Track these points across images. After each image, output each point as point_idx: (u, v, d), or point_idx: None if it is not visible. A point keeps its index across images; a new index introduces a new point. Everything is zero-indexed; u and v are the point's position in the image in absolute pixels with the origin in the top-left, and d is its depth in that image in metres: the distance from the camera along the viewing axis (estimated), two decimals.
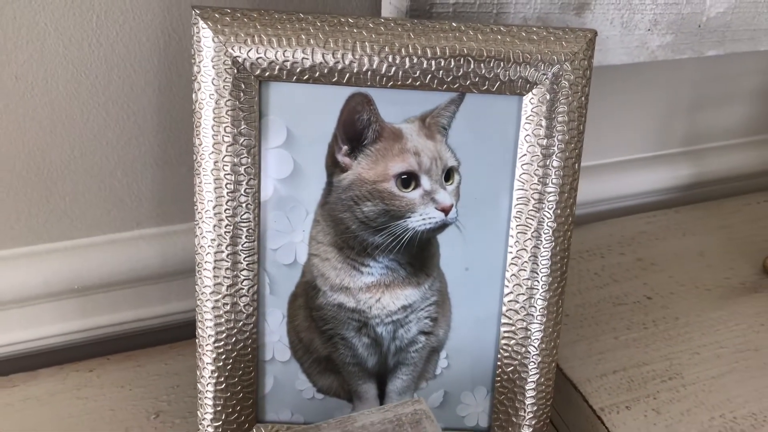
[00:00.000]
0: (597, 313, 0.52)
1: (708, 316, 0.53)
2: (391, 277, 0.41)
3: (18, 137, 0.44)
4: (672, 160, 0.66)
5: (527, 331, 0.41)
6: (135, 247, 0.50)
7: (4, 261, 0.48)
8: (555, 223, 0.39)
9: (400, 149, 0.39)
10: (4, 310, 0.48)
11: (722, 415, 0.44)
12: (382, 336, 0.42)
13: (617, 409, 0.44)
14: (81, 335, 0.51)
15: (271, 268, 0.40)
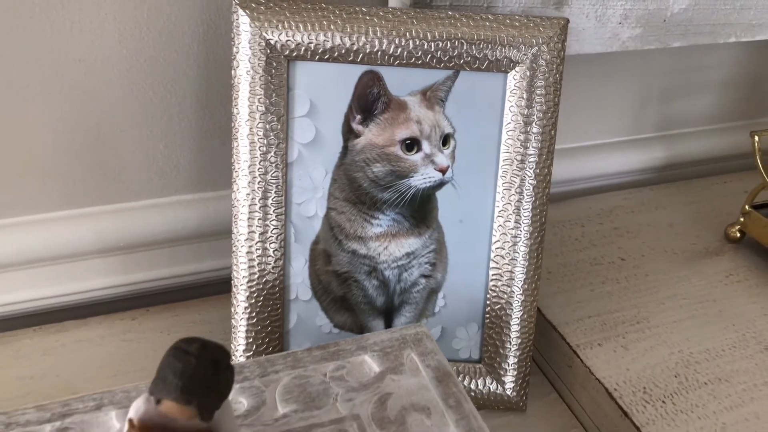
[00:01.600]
0: (576, 271, 0.59)
1: (674, 274, 0.60)
2: (396, 228, 0.48)
3: (79, 112, 0.52)
4: (646, 144, 0.74)
5: (512, 273, 0.49)
6: (173, 211, 0.58)
7: (61, 220, 0.55)
8: (535, 180, 0.47)
9: (404, 118, 0.46)
10: (59, 264, 0.56)
11: (680, 351, 0.51)
12: (389, 279, 0.49)
13: (590, 346, 0.51)
14: (124, 289, 0.58)
15: (295, 219, 0.48)
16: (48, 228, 0.54)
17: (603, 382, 0.48)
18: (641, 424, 0.45)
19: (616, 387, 0.48)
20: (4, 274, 0.54)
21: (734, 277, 0.60)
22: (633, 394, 0.47)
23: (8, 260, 0.54)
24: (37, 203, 0.54)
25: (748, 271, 0.61)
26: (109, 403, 0.38)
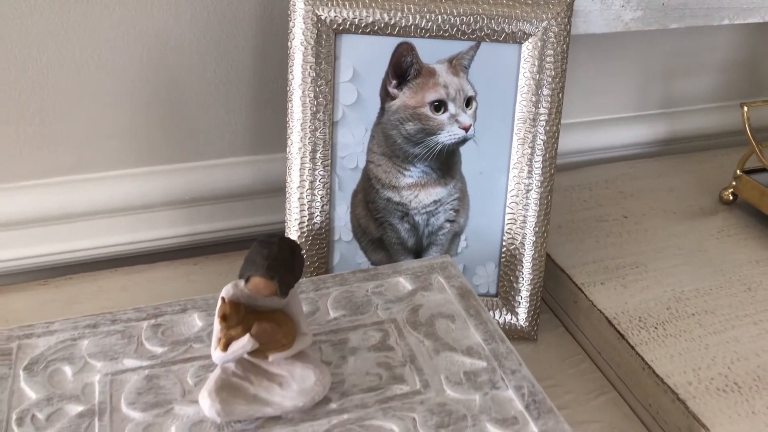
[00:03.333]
0: (583, 226, 0.67)
1: (672, 229, 0.67)
2: (425, 179, 0.56)
3: (154, 82, 0.61)
4: (651, 120, 0.81)
5: (525, 218, 0.56)
6: (231, 171, 0.66)
7: (136, 176, 0.64)
8: (545, 136, 0.55)
9: (433, 83, 0.54)
10: (134, 215, 0.65)
11: (673, 289, 0.59)
12: (418, 223, 0.57)
13: (594, 284, 0.59)
14: (188, 239, 0.67)
15: (339, 170, 0.56)
16: (126, 183, 0.63)
17: (604, 312, 0.56)
18: (635, 344, 0.53)
19: (614, 316, 0.55)
20: (89, 222, 0.63)
21: (725, 233, 0.67)
22: (629, 322, 0.55)
23: (92, 210, 0.63)
24: (116, 161, 0.63)
25: (738, 228, 0.68)
26: (192, 308, 0.46)
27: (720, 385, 0.49)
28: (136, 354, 0.42)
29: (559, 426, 0.39)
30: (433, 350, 0.44)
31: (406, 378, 0.42)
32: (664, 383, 0.49)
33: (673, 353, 0.52)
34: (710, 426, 0.46)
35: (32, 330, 0.44)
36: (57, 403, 0.39)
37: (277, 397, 0.38)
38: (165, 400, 0.39)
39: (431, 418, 0.39)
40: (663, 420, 0.50)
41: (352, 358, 0.43)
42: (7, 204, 0.61)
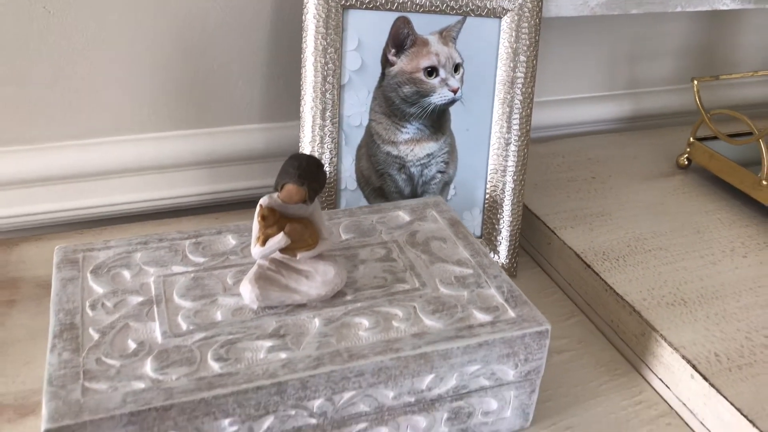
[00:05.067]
0: (556, 185, 0.76)
1: (633, 187, 0.77)
2: (420, 135, 0.66)
3: (180, 54, 0.69)
4: (617, 99, 0.91)
5: (505, 168, 0.66)
6: (247, 136, 0.75)
7: (163, 139, 0.72)
8: (522, 96, 0.64)
9: (426, 51, 0.64)
10: (160, 174, 0.73)
11: (633, 232, 0.68)
12: (414, 173, 0.66)
13: (565, 228, 0.68)
14: (210, 197, 0.76)
15: (346, 128, 0.65)
16: (155, 144, 0.72)
17: (573, 248, 0.65)
18: (599, 271, 0.62)
19: (582, 251, 0.65)
20: (122, 179, 0.72)
21: (681, 191, 0.77)
22: (595, 255, 0.64)
23: (125, 168, 0.71)
24: (148, 125, 0.72)
25: (692, 188, 0.77)
26: (226, 231, 0.55)
27: (669, 301, 0.59)
28: (182, 262, 0.51)
29: (533, 313, 0.48)
30: (428, 262, 0.53)
31: (407, 280, 0.50)
32: (623, 300, 0.59)
33: (631, 278, 0.61)
34: (660, 329, 0.55)
35: (93, 245, 0.52)
36: (121, 295, 0.47)
37: (304, 287, 0.47)
38: (209, 294, 0.48)
39: (428, 306, 0.48)
40: (622, 331, 0.59)
41: (362, 266, 0.52)
42: (48, 162, 0.69)
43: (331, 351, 0.43)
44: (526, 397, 0.49)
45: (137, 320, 0.45)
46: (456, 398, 0.47)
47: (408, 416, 0.46)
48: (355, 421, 0.45)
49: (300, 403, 0.42)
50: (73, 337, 0.43)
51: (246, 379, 0.41)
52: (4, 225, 0.70)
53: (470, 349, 0.45)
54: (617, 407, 0.54)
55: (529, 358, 0.47)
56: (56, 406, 0.38)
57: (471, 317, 0.47)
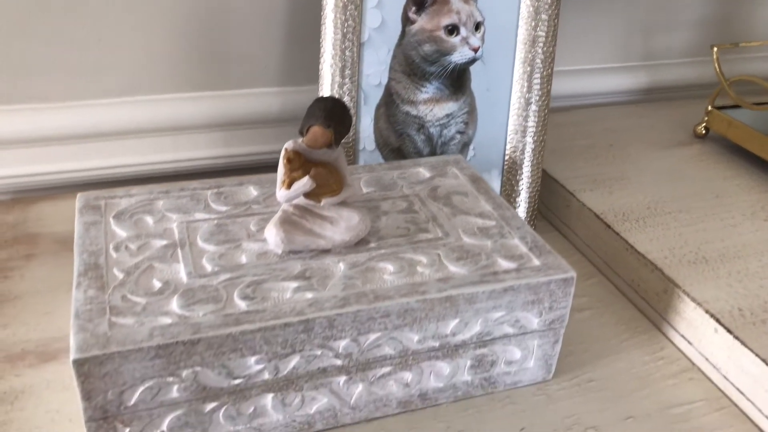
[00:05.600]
0: (574, 151, 0.76)
1: (651, 155, 0.76)
2: (439, 95, 0.65)
3: (200, 16, 0.69)
4: (632, 71, 0.91)
5: (525, 128, 0.65)
6: (262, 99, 0.75)
7: (178, 100, 0.72)
8: (543, 55, 0.64)
9: (447, 9, 0.63)
10: (175, 135, 0.73)
11: (653, 196, 0.68)
12: (433, 134, 0.66)
13: (584, 191, 0.68)
14: (225, 160, 0.75)
15: (365, 86, 0.65)
16: (171, 105, 0.72)
17: (593, 209, 0.65)
18: (620, 231, 0.62)
19: (602, 212, 0.64)
20: (138, 140, 0.71)
21: (698, 158, 0.76)
22: (614, 216, 0.64)
23: (141, 128, 0.71)
24: (164, 86, 0.71)
25: (710, 155, 0.77)
26: (247, 182, 0.55)
27: (691, 259, 0.58)
28: (204, 210, 0.51)
29: (558, 261, 0.48)
30: (451, 214, 0.52)
31: (430, 230, 0.50)
32: (645, 258, 0.58)
33: (652, 238, 0.61)
34: (683, 285, 0.55)
35: (114, 193, 0.52)
36: (144, 239, 0.47)
37: (329, 232, 0.47)
38: (234, 239, 0.47)
39: (452, 254, 0.47)
40: (643, 289, 0.58)
41: (384, 217, 0.51)
42: (66, 120, 0.69)
43: (356, 292, 0.43)
44: (550, 347, 0.49)
45: (161, 261, 0.45)
46: (480, 345, 0.47)
47: (432, 362, 0.46)
48: (379, 365, 0.44)
49: (326, 343, 0.42)
50: (97, 276, 0.43)
51: (273, 316, 0.40)
52: (22, 184, 0.70)
53: (495, 294, 0.45)
54: (639, 362, 0.54)
55: (554, 306, 0.47)
56: (84, 338, 0.38)
57: (495, 264, 0.47)
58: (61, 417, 0.46)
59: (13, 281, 0.58)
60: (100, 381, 0.38)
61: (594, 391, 0.51)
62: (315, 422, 0.45)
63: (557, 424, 0.48)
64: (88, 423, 0.39)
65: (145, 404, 0.40)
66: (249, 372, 0.41)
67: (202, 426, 0.42)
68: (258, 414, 0.43)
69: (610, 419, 0.48)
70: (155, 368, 0.39)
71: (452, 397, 0.48)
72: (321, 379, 0.43)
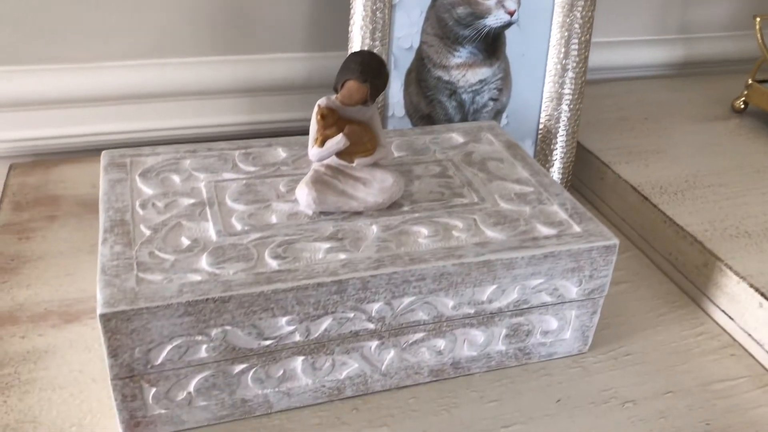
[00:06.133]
0: (608, 125, 0.74)
1: (688, 128, 0.74)
2: (473, 59, 0.63)
3: None
4: (669, 44, 0.88)
5: (561, 97, 0.63)
6: (289, 64, 0.73)
7: (204, 64, 0.70)
8: (581, 20, 0.61)
9: None
10: (200, 100, 0.71)
11: (690, 169, 0.65)
12: (465, 100, 0.64)
13: (619, 163, 0.66)
14: (248, 127, 0.74)
15: (395, 50, 0.63)
16: (196, 69, 0.70)
17: (629, 181, 0.62)
18: (658, 203, 0.59)
19: (638, 184, 0.62)
20: (162, 103, 0.70)
21: (737, 133, 0.74)
22: (651, 188, 0.62)
23: (165, 92, 0.70)
24: (189, 49, 0.70)
25: (749, 130, 0.74)
26: (276, 144, 0.53)
27: (733, 233, 0.56)
28: (232, 170, 0.49)
29: (599, 228, 0.46)
30: (486, 179, 0.51)
31: (465, 195, 0.48)
32: (684, 230, 0.56)
33: (692, 210, 0.59)
34: (725, 259, 0.53)
35: (140, 152, 0.51)
36: (171, 197, 0.46)
37: (362, 193, 0.45)
38: (263, 199, 0.46)
39: (489, 219, 0.46)
40: (681, 263, 0.56)
41: (417, 181, 0.50)
42: (89, 81, 0.68)
43: (391, 254, 0.41)
44: (588, 318, 0.47)
45: (190, 219, 0.43)
46: (516, 314, 0.45)
47: (466, 329, 0.44)
48: (413, 330, 0.43)
49: (359, 306, 0.40)
50: (124, 232, 0.42)
51: (306, 275, 0.39)
52: (44, 146, 0.69)
53: (535, 260, 0.43)
54: (677, 337, 0.52)
55: (594, 274, 0.45)
56: (111, 293, 0.37)
57: (534, 230, 0.45)
58: (84, 377, 0.45)
59: (35, 242, 0.57)
60: (127, 338, 0.37)
61: (631, 364, 0.49)
62: (345, 388, 0.43)
63: (594, 397, 0.46)
64: (113, 381, 0.38)
65: (173, 364, 0.38)
66: (280, 333, 0.39)
67: (229, 388, 0.41)
68: (287, 377, 0.42)
69: (648, 393, 0.47)
70: (184, 326, 0.37)
71: (485, 367, 0.47)
72: (352, 343, 0.42)
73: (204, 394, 0.40)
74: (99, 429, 0.41)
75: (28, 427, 0.41)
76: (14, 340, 0.47)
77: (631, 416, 0.45)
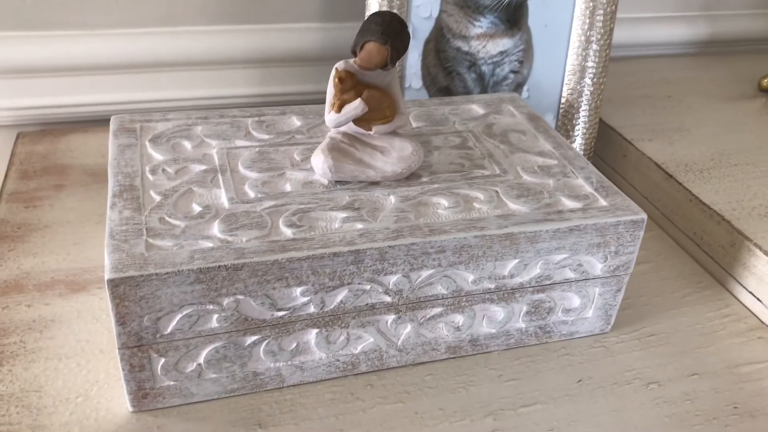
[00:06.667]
0: (631, 101, 0.71)
1: (712, 107, 0.72)
2: (494, 30, 0.61)
3: None
4: (692, 20, 0.85)
5: (584, 69, 0.61)
6: (303, 35, 0.71)
7: (215, 33, 0.69)
8: None
9: None
10: (211, 70, 0.69)
11: (716, 147, 0.63)
12: (485, 72, 0.62)
13: (642, 140, 0.64)
14: (260, 99, 0.72)
15: (414, 19, 0.61)
16: (208, 38, 0.68)
17: (653, 158, 0.60)
18: (683, 181, 0.57)
19: (663, 162, 0.60)
20: (173, 73, 0.68)
21: (764, 111, 0.71)
22: (676, 166, 0.60)
23: (176, 61, 0.68)
24: (201, 17, 0.68)
25: None
26: (290, 112, 0.51)
27: (762, 212, 0.54)
28: (245, 138, 0.47)
29: (626, 202, 0.44)
30: (508, 151, 0.49)
31: (486, 167, 0.47)
32: (710, 209, 0.54)
33: (718, 189, 0.57)
34: (754, 238, 0.51)
35: (151, 117, 0.49)
36: (182, 163, 0.44)
37: (379, 162, 0.43)
38: (277, 167, 0.44)
39: (511, 191, 0.44)
40: (706, 243, 0.55)
41: (436, 152, 0.48)
42: (100, 49, 0.66)
43: (410, 225, 0.40)
44: (611, 296, 0.46)
45: (201, 186, 0.42)
46: (538, 290, 0.43)
47: (486, 305, 0.43)
48: (430, 305, 0.41)
49: (376, 277, 0.39)
50: (133, 197, 0.40)
51: (322, 244, 0.37)
52: (52, 115, 0.67)
53: (560, 234, 0.41)
54: (702, 318, 0.50)
55: (620, 250, 0.44)
56: (120, 258, 0.35)
57: (559, 203, 0.43)
58: (91, 347, 0.43)
59: (43, 210, 0.55)
60: (136, 305, 0.35)
61: (655, 345, 0.47)
62: (359, 363, 0.42)
63: (617, 377, 0.44)
64: (121, 350, 0.37)
65: (183, 333, 0.37)
66: (294, 304, 0.38)
67: (240, 360, 0.39)
68: (300, 350, 0.40)
69: (672, 375, 0.45)
70: (195, 294, 0.36)
71: (504, 345, 0.45)
72: (368, 317, 0.40)
73: (214, 366, 0.39)
74: (105, 400, 0.40)
75: (32, 396, 0.40)
76: (20, 308, 0.46)
77: (656, 398, 0.43)
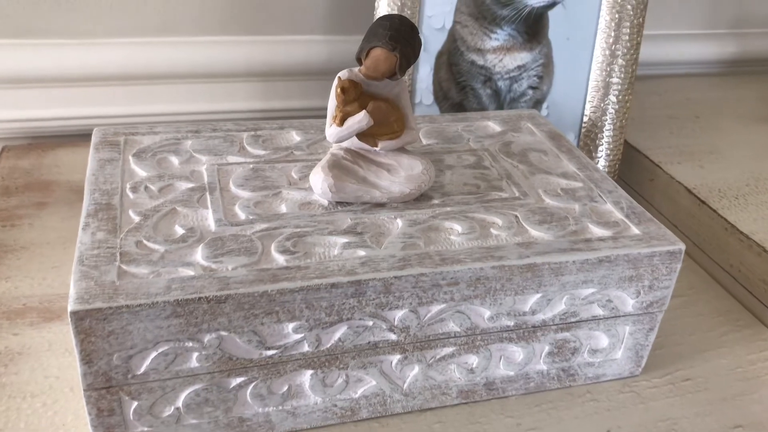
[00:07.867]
0: (657, 122, 0.67)
1: (743, 129, 0.67)
2: (511, 42, 0.57)
3: None
4: (720, 38, 0.81)
5: (608, 86, 0.57)
6: (307, 48, 0.67)
7: (215, 44, 0.65)
8: (635, 1, 0.55)
9: None
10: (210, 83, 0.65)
11: (751, 172, 0.59)
12: (501, 88, 0.58)
13: (671, 163, 0.59)
14: (262, 115, 0.68)
15: (425, 30, 0.57)
16: (207, 49, 0.64)
17: (683, 182, 0.56)
18: (717, 208, 0.53)
19: (694, 186, 0.55)
20: (170, 85, 0.64)
21: None
22: (709, 192, 0.55)
23: (174, 72, 0.64)
24: (199, 27, 0.64)
25: None
26: (289, 126, 0.47)
27: None
28: (239, 153, 0.43)
29: (661, 231, 0.39)
30: (528, 172, 0.44)
31: (504, 188, 0.42)
32: (749, 239, 0.49)
33: (756, 217, 0.52)
34: None
35: (137, 129, 0.45)
36: (168, 180, 0.40)
37: (386, 182, 0.39)
38: (272, 186, 0.40)
39: (533, 216, 0.39)
40: (744, 276, 0.50)
41: (449, 172, 0.43)
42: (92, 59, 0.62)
43: (418, 253, 0.35)
44: (643, 336, 0.41)
45: (186, 206, 0.37)
46: (562, 328, 0.38)
47: (503, 344, 0.38)
48: (441, 344, 0.37)
49: (379, 312, 0.34)
50: (109, 217, 0.36)
51: (318, 274, 0.33)
52: (40, 128, 0.63)
53: (588, 266, 0.37)
54: (744, 362, 0.45)
55: (655, 285, 0.39)
56: (86, 287, 0.31)
57: (586, 231, 0.39)
58: (60, 384, 0.39)
59: (21, 230, 0.51)
60: (104, 341, 0.31)
61: (692, 391, 0.42)
62: (360, 409, 0.37)
63: (650, 428, 0.39)
64: (87, 392, 0.32)
65: (158, 374, 0.32)
66: (285, 342, 0.33)
67: (224, 405, 0.35)
68: (293, 394, 0.35)
69: (713, 427, 0.40)
70: (172, 330, 0.31)
71: (523, 389, 0.40)
72: (370, 357, 0.36)
73: (195, 411, 0.34)
74: None
75: None
76: None
77: None
